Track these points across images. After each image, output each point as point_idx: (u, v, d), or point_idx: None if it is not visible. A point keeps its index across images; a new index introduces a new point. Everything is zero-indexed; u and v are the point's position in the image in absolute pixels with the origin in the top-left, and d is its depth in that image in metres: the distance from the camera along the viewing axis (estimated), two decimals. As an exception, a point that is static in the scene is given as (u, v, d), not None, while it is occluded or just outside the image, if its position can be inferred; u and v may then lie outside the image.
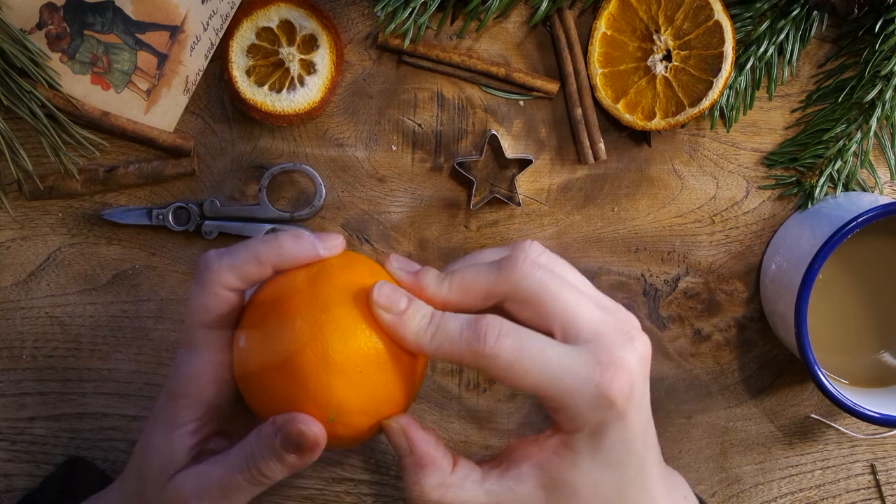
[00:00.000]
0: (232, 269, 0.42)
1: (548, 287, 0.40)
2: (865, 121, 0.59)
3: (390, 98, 0.60)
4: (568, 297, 0.40)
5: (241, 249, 0.43)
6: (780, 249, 0.60)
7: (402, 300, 0.41)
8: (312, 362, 0.40)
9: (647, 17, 0.58)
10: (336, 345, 0.40)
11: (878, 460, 0.64)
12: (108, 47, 0.57)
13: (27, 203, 0.59)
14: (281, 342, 0.40)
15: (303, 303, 0.41)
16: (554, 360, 0.39)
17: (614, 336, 0.40)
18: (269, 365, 0.41)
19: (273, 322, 0.41)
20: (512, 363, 0.38)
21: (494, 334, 0.39)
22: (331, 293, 0.41)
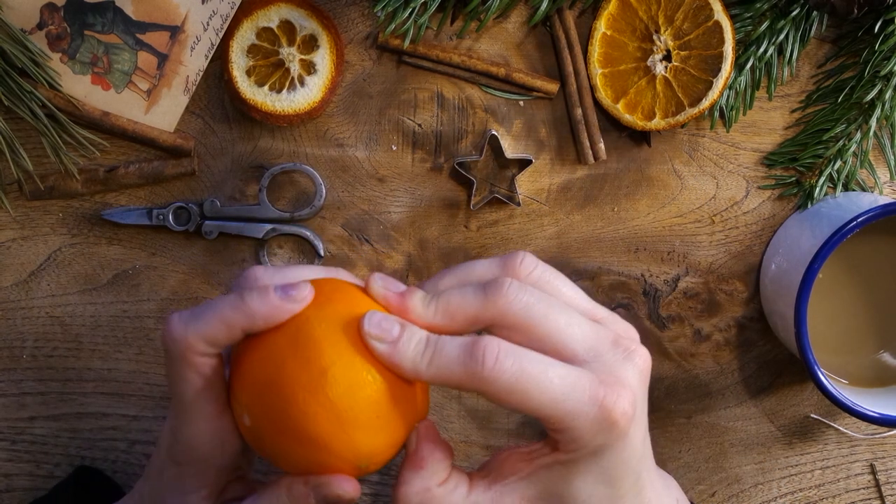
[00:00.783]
0: (198, 336, 0.39)
1: (535, 312, 0.38)
2: (865, 121, 0.59)
3: (390, 98, 0.60)
4: (558, 318, 0.39)
5: (206, 313, 0.40)
6: (780, 249, 0.60)
7: (395, 327, 0.39)
8: (328, 428, 0.38)
9: (647, 17, 0.58)
10: (346, 402, 0.38)
11: (878, 460, 0.64)
12: (108, 47, 0.57)
13: (27, 203, 0.59)
14: (290, 418, 0.38)
15: (296, 372, 0.38)
16: (556, 381, 0.37)
17: (613, 353, 0.39)
18: (285, 438, 0.39)
19: (273, 399, 0.39)
20: (512, 386, 0.37)
21: (493, 356, 0.37)
22: (320, 351, 0.38)
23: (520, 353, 0.37)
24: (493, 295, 0.39)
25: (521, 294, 0.39)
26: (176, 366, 0.40)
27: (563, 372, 0.38)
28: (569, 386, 0.37)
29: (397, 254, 0.61)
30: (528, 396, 0.37)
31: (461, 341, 0.38)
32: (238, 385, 0.41)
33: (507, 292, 0.38)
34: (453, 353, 0.38)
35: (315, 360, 0.38)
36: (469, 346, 0.37)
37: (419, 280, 0.61)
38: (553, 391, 0.37)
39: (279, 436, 0.39)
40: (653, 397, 0.63)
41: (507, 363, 0.37)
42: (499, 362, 0.37)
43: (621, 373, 0.39)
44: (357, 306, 0.40)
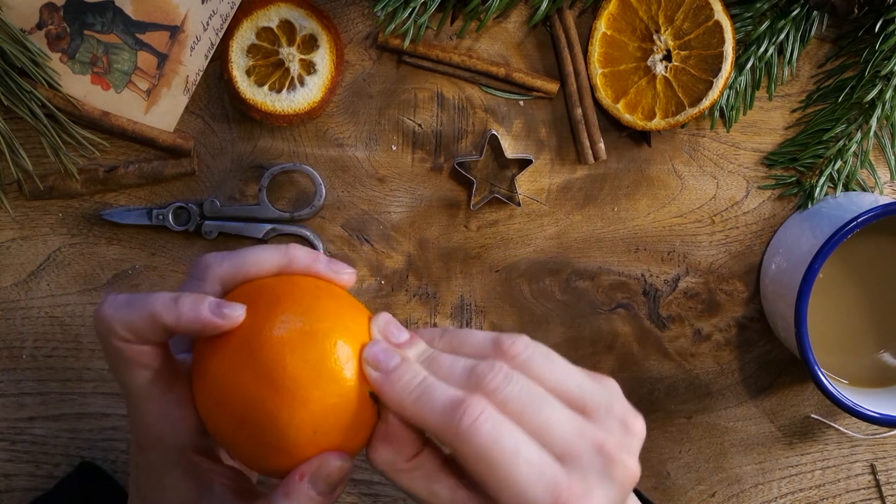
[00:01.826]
0: (122, 324, 0.39)
1: (516, 405, 0.38)
2: (865, 121, 0.59)
3: (390, 98, 0.60)
4: (538, 413, 0.38)
5: (138, 304, 0.39)
6: (780, 249, 0.60)
7: (393, 359, 0.39)
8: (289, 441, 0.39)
9: (647, 17, 0.58)
10: (311, 419, 0.38)
11: (878, 460, 0.64)
12: (108, 47, 0.57)
13: (27, 203, 0.59)
14: (254, 427, 0.39)
15: (257, 389, 0.38)
16: (525, 462, 0.36)
17: (590, 459, 0.38)
18: (249, 445, 0.39)
19: (232, 409, 0.39)
20: (484, 451, 0.36)
21: (473, 416, 0.36)
22: (282, 370, 0.38)
23: (501, 424, 0.37)
24: (476, 380, 0.38)
25: (503, 384, 0.38)
26: (106, 350, 0.40)
27: (534, 457, 0.37)
28: (535, 473, 0.36)
29: (397, 254, 0.61)
30: (493, 468, 0.36)
31: (452, 393, 0.38)
32: (198, 389, 0.41)
33: (490, 382, 0.38)
34: (440, 399, 0.38)
35: (278, 379, 0.38)
36: (456, 400, 0.37)
37: (419, 280, 0.61)
38: (518, 472, 0.36)
39: (241, 441, 0.39)
40: (653, 397, 0.63)
41: (485, 427, 0.36)
42: (476, 424, 0.36)
43: (591, 484, 0.37)
44: (315, 316, 0.40)
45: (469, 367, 0.39)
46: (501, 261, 0.61)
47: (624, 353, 0.62)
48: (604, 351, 0.62)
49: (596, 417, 0.39)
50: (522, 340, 0.40)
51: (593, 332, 0.62)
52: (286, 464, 0.40)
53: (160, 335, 0.39)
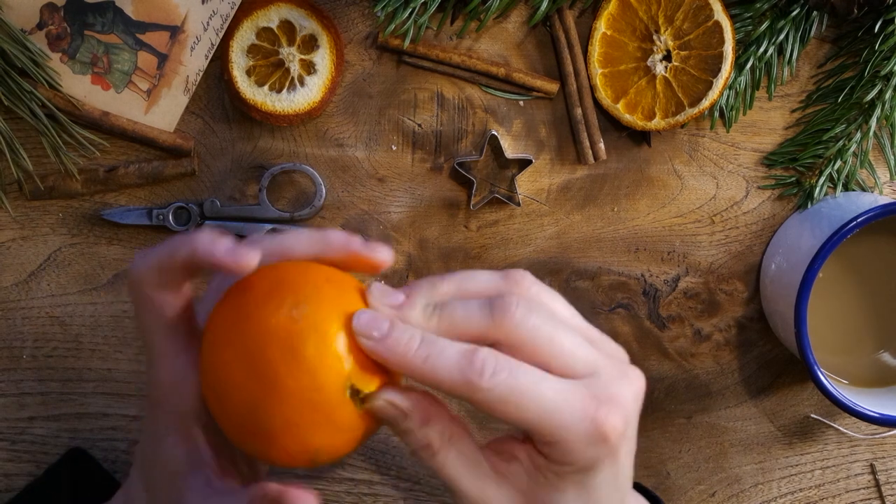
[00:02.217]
0: (149, 267, 0.40)
1: (542, 333, 0.39)
2: (865, 121, 0.59)
3: (390, 98, 0.60)
4: (563, 340, 0.39)
5: (162, 245, 0.41)
6: (780, 249, 0.60)
7: (384, 324, 0.39)
8: (286, 426, 0.39)
9: (647, 17, 0.58)
10: (309, 401, 0.39)
11: (878, 460, 0.64)
12: (108, 47, 0.57)
13: (27, 203, 0.59)
14: (250, 411, 0.39)
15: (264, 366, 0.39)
16: (549, 394, 0.38)
17: (609, 371, 0.39)
18: (244, 429, 0.40)
19: (236, 386, 0.39)
20: (506, 398, 0.37)
21: (491, 368, 0.37)
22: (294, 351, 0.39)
23: (515, 366, 0.38)
24: (500, 314, 0.39)
25: (528, 315, 0.39)
26: (134, 300, 0.41)
27: (556, 386, 0.38)
28: (561, 399, 0.38)
29: (397, 254, 0.61)
30: (520, 409, 0.37)
31: (460, 347, 0.38)
32: (200, 361, 0.41)
33: (514, 313, 0.39)
34: (452, 357, 0.38)
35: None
36: (469, 355, 0.38)
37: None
38: (545, 404, 0.37)
39: (226, 419, 0.40)
40: (652, 397, 0.63)
41: (503, 375, 0.37)
42: (496, 374, 0.37)
43: (616, 390, 0.39)
44: (341, 305, 0.40)
45: (487, 303, 0.39)
46: (501, 261, 0.61)
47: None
48: (604, 351, 0.62)
49: (597, 343, 0.41)
50: (529, 276, 0.42)
51: (593, 332, 0.62)
52: (265, 449, 0.40)
53: (176, 272, 0.40)
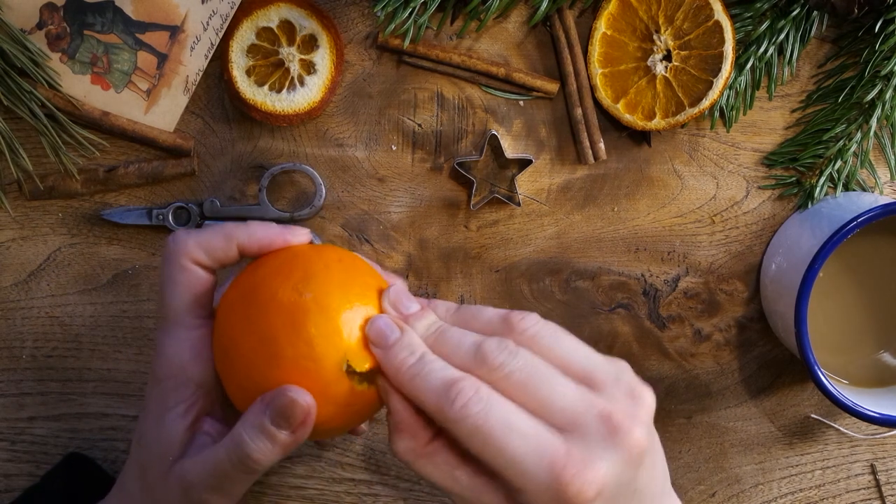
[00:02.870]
0: (198, 243, 0.43)
1: (520, 377, 0.38)
2: (865, 121, 0.59)
3: (390, 98, 0.60)
4: (541, 386, 0.38)
5: (209, 227, 0.44)
6: (780, 249, 0.60)
7: (392, 333, 0.40)
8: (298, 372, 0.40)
9: (647, 17, 0.58)
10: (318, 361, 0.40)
11: (878, 460, 0.64)
12: (108, 47, 0.57)
13: (27, 203, 0.59)
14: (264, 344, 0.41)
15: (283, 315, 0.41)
16: (518, 437, 0.37)
17: (595, 429, 0.37)
18: (252, 359, 0.41)
19: (252, 319, 0.42)
20: (474, 431, 0.37)
21: (464, 399, 0.37)
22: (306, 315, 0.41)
23: (491, 402, 0.37)
24: (483, 355, 0.39)
25: (509, 359, 0.39)
26: (169, 267, 0.43)
27: (528, 431, 0.37)
28: (530, 446, 0.37)
29: (397, 254, 0.61)
30: (486, 445, 0.37)
31: (446, 374, 0.39)
32: (213, 331, 0.44)
33: (496, 357, 0.39)
34: (434, 382, 0.38)
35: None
36: (448, 382, 0.38)
37: (419, 280, 0.61)
38: (510, 450, 0.37)
39: (242, 388, 0.42)
40: (653, 397, 0.63)
41: (475, 409, 0.37)
42: (466, 407, 0.37)
43: (595, 452, 0.37)
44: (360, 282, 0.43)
45: (476, 343, 0.39)
46: (501, 261, 0.61)
47: (624, 353, 0.62)
48: (604, 351, 0.62)
49: (603, 389, 0.39)
50: (532, 317, 0.41)
51: (593, 332, 0.62)
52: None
53: (230, 255, 0.44)
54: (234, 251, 0.44)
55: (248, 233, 0.44)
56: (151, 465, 0.44)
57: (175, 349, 0.44)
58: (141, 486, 0.45)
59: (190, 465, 0.43)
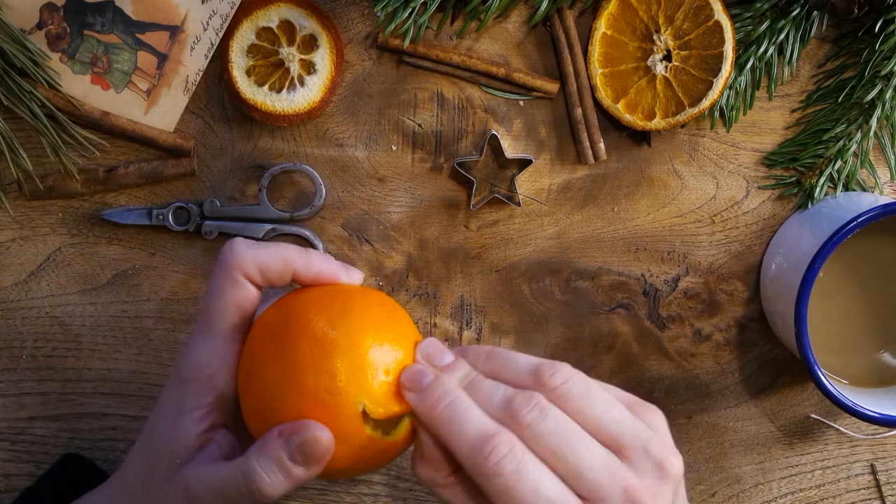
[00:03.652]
0: (255, 259, 0.44)
1: (550, 441, 0.38)
2: (865, 121, 0.59)
3: (390, 98, 0.60)
4: (570, 452, 0.38)
5: (270, 247, 0.44)
6: (780, 249, 0.60)
7: (426, 377, 0.40)
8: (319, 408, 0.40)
9: (647, 17, 0.58)
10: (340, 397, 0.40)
11: (878, 460, 0.64)
12: (108, 47, 0.57)
13: (27, 203, 0.59)
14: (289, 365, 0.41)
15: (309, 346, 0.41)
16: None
17: (614, 501, 0.38)
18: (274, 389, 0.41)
19: (278, 352, 0.42)
20: (503, 491, 0.37)
21: (498, 457, 0.37)
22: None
23: (525, 465, 0.38)
24: (513, 412, 0.39)
25: (539, 420, 0.39)
26: (221, 276, 0.44)
27: (555, 498, 0.37)
28: None
29: (397, 254, 0.61)
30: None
31: (482, 424, 0.39)
32: (249, 340, 0.44)
33: (526, 416, 0.39)
34: (470, 430, 0.39)
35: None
36: (485, 436, 0.38)
37: (419, 280, 0.61)
38: None
39: (257, 409, 0.42)
40: (653, 397, 0.63)
41: (507, 468, 0.37)
42: (499, 465, 0.37)
43: None
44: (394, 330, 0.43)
45: (507, 398, 0.39)
46: (501, 261, 0.61)
47: (624, 353, 0.62)
48: (604, 351, 0.62)
49: (631, 457, 0.39)
50: (564, 371, 0.40)
51: (593, 332, 0.62)
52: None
53: (283, 279, 0.44)
54: (289, 276, 0.44)
55: (307, 262, 0.44)
56: (158, 464, 0.44)
57: (207, 356, 0.44)
58: (143, 481, 0.45)
59: (196, 475, 0.42)
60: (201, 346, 0.44)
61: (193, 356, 0.44)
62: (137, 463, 0.46)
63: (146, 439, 0.46)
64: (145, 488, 0.45)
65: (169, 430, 0.44)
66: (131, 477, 0.46)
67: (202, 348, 0.44)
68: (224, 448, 0.44)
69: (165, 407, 0.45)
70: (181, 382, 0.44)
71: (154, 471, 0.44)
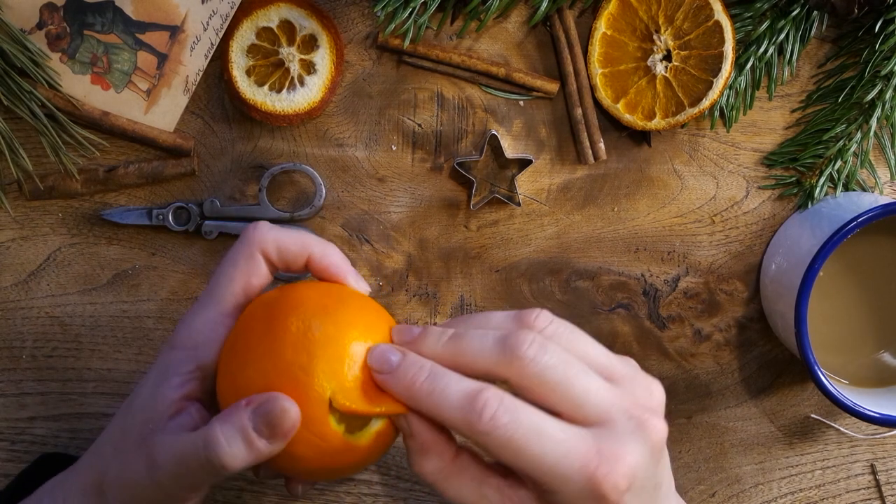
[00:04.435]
0: (276, 239, 0.44)
1: (553, 375, 0.38)
2: (865, 121, 0.59)
3: (390, 98, 0.60)
4: (575, 383, 0.38)
5: (294, 232, 0.45)
6: (780, 249, 0.60)
7: (394, 357, 0.40)
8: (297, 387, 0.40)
9: (647, 17, 0.58)
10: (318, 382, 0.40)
11: (878, 460, 0.64)
12: (108, 47, 0.57)
13: (27, 203, 0.59)
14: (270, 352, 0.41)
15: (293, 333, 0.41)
16: (549, 445, 0.37)
17: (623, 422, 0.38)
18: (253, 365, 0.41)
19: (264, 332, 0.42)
20: (505, 442, 0.37)
21: (491, 410, 0.37)
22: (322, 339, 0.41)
23: (519, 410, 0.37)
24: (511, 351, 0.38)
25: (540, 354, 0.38)
26: (239, 250, 0.44)
27: (559, 436, 0.37)
28: (562, 451, 0.37)
29: (397, 254, 0.61)
30: (518, 455, 0.37)
31: (465, 386, 0.38)
32: (238, 323, 0.44)
33: (526, 351, 0.38)
34: (455, 395, 0.38)
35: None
36: (471, 394, 0.38)
37: (419, 280, 0.61)
38: (544, 455, 0.37)
39: (230, 392, 0.42)
40: (653, 397, 0.63)
41: (504, 419, 0.37)
42: (495, 418, 0.37)
43: (625, 444, 0.38)
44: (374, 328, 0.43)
45: (501, 338, 0.39)
46: (501, 261, 0.61)
47: (624, 353, 0.62)
48: (604, 351, 0.62)
49: (623, 384, 0.40)
50: (545, 314, 0.41)
51: (593, 332, 0.62)
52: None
53: (298, 262, 0.45)
54: (304, 260, 0.44)
55: (323, 251, 0.44)
56: (131, 430, 0.43)
57: (201, 325, 0.44)
58: (114, 449, 0.44)
59: (161, 442, 0.41)
60: (199, 314, 0.44)
61: (189, 324, 0.44)
62: (114, 428, 0.45)
63: (127, 404, 0.45)
64: (116, 453, 0.44)
65: (148, 393, 0.44)
66: (105, 446, 0.45)
67: (199, 317, 0.44)
68: (195, 420, 0.43)
69: (151, 372, 0.45)
70: (170, 349, 0.45)
71: (127, 435, 0.43)
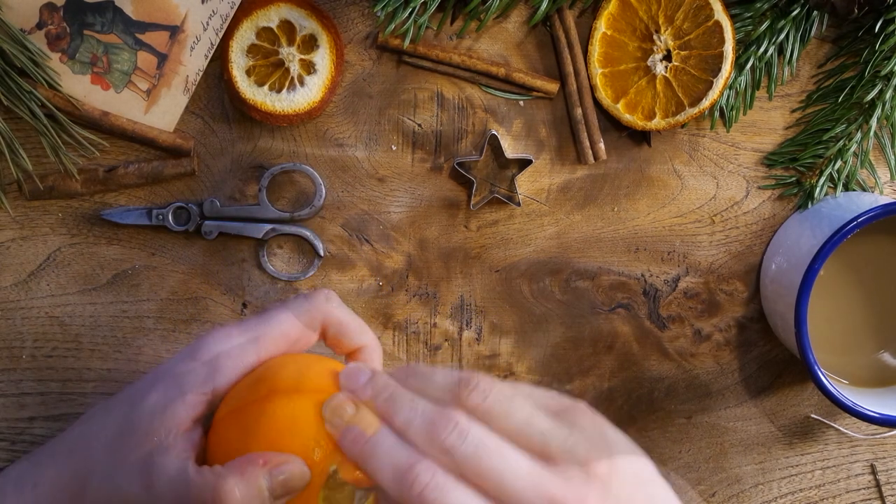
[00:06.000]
0: (340, 323, 0.46)
1: (476, 463, 0.38)
2: (865, 121, 0.59)
3: (390, 98, 0.60)
4: (500, 468, 0.38)
5: (353, 314, 0.48)
6: (780, 249, 0.60)
7: (347, 410, 0.41)
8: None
9: (647, 17, 0.58)
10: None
11: (878, 460, 0.64)
12: (108, 47, 0.57)
13: (27, 203, 0.59)
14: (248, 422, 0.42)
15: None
16: None
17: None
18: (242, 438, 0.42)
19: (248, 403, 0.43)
20: None
21: (420, 487, 0.37)
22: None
23: (447, 492, 0.37)
24: (434, 436, 0.39)
25: (458, 443, 0.38)
26: (303, 312, 0.46)
27: None
28: None
29: (397, 254, 0.61)
30: None
31: (402, 456, 0.39)
32: (233, 390, 0.44)
33: (445, 440, 0.38)
34: (388, 463, 0.39)
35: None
36: (404, 465, 0.38)
37: (419, 280, 0.61)
38: None
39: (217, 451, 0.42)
40: (652, 397, 0.63)
41: (431, 496, 0.37)
42: (422, 495, 0.37)
43: None
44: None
45: (427, 423, 0.39)
46: (501, 261, 0.61)
47: (624, 353, 0.62)
48: (604, 351, 0.62)
49: (558, 463, 0.39)
50: (482, 386, 0.40)
51: (593, 332, 0.62)
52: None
53: (344, 348, 0.47)
54: (349, 349, 0.47)
55: (370, 354, 0.47)
56: (131, 436, 0.43)
57: (232, 350, 0.44)
58: (106, 449, 0.44)
59: (163, 466, 0.41)
60: (232, 337, 0.44)
61: (217, 341, 0.44)
62: (109, 426, 0.45)
63: (129, 403, 0.44)
64: (109, 456, 0.43)
65: (158, 403, 0.43)
66: (94, 442, 0.45)
67: (232, 340, 0.44)
68: (198, 448, 0.43)
69: (162, 377, 0.44)
70: (192, 360, 0.44)
71: (126, 440, 0.43)
